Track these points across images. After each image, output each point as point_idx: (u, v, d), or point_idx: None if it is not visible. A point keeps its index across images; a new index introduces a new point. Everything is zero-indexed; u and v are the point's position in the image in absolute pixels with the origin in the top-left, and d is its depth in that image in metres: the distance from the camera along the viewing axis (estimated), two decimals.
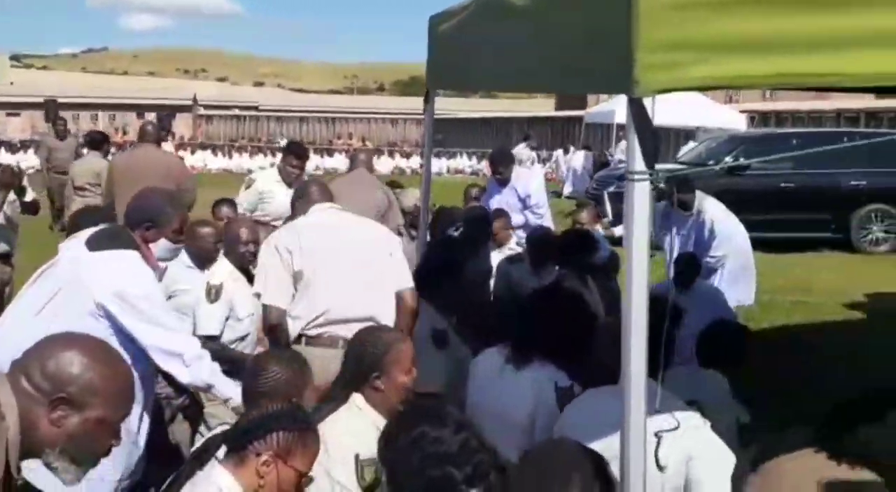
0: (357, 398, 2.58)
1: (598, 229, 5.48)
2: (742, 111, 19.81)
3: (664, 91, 1.67)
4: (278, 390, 2.47)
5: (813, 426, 2.84)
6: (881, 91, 6.18)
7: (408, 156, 29.03)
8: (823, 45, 1.60)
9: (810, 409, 2.91)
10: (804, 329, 7.82)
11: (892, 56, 1.61)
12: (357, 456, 2.39)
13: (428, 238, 5.53)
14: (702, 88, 1.74)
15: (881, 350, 6.81)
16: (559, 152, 21.68)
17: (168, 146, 18.11)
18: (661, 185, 1.69)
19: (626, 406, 1.70)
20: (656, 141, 1.65)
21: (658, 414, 2.33)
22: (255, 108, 42.54)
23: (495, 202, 6.79)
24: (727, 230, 6.51)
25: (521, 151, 19.34)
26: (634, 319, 1.67)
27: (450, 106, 36.43)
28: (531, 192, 6.62)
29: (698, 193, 6.77)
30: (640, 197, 1.66)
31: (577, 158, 18.22)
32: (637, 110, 1.65)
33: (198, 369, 2.87)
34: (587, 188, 15.16)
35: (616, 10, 1.67)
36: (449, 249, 4.50)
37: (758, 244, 11.80)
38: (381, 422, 2.45)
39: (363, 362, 2.60)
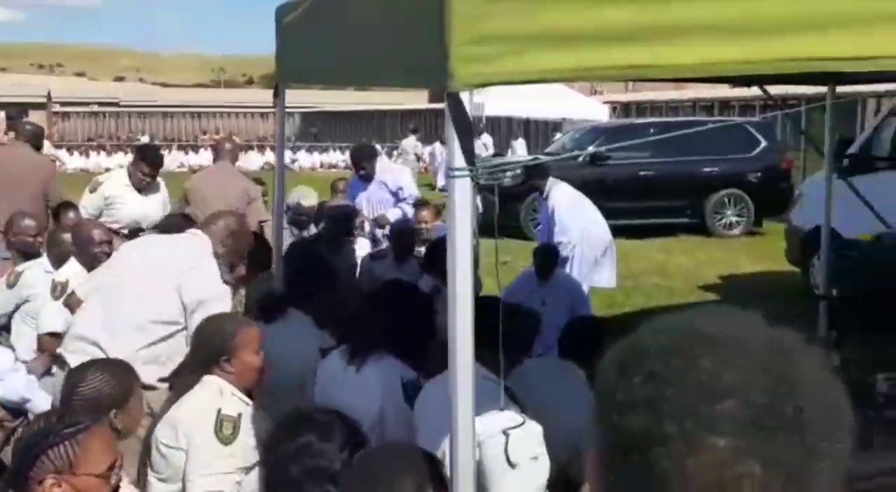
0: (211, 378, 2.62)
1: (438, 224, 5.43)
2: (605, 102, 20.51)
3: (481, 85, 1.65)
4: (100, 399, 2.33)
5: None
6: (733, 81, 6.44)
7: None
8: (635, 38, 1.62)
9: None
10: (661, 311, 8.13)
11: (698, 47, 1.64)
12: (219, 410, 2.49)
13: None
14: (519, 82, 1.72)
15: None
16: (436, 145, 21.79)
17: (49, 147, 17.06)
18: (482, 181, 1.66)
19: (455, 405, 1.67)
20: (472, 136, 1.61)
21: (505, 411, 2.33)
22: (116, 104, 40.61)
23: (363, 198, 6.71)
24: (570, 217, 6.63)
25: (409, 143, 19.38)
26: (459, 315, 1.64)
27: (323, 99, 35.90)
28: (403, 185, 6.58)
29: (550, 181, 6.88)
30: (462, 193, 1.63)
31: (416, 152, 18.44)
32: (455, 105, 1.62)
33: (11, 383, 2.68)
34: None
35: (431, 3, 1.63)
36: (319, 255, 4.32)
37: (620, 231, 12.25)
38: (240, 392, 2.61)
39: (211, 347, 2.64)
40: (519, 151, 18.09)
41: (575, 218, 6.71)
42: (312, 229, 5.72)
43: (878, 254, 6.02)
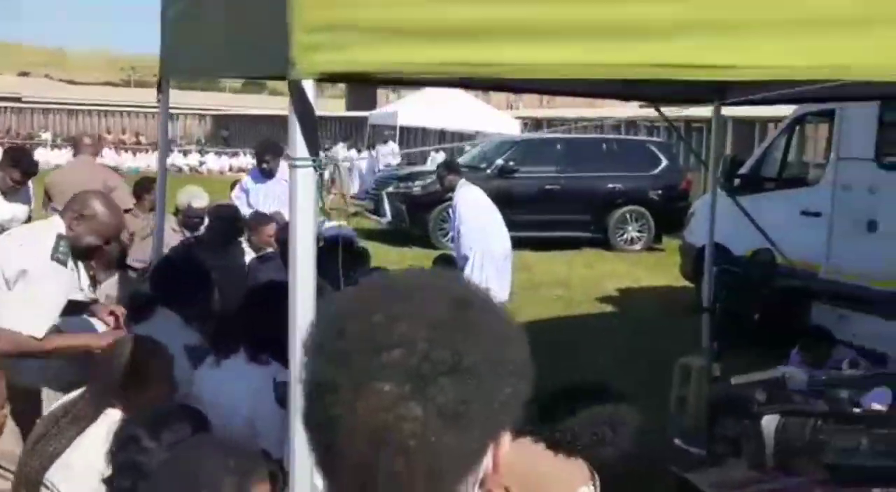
0: (112, 413, 2.39)
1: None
2: (517, 117, 20.83)
3: (325, 74, 1.61)
4: None
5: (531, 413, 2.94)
6: (644, 99, 6.56)
7: (185, 153, 27.77)
8: (481, 35, 1.61)
9: (537, 397, 3.03)
10: (559, 321, 8.27)
11: (553, 48, 1.65)
12: None
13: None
14: (361, 73, 1.69)
15: (620, 338, 7.36)
16: (352, 153, 21.67)
17: None
18: (326, 172, 1.63)
19: (292, 399, 1.62)
20: (316, 127, 1.57)
21: None
22: (18, 100, 38.91)
23: (261, 194, 6.61)
24: (470, 220, 6.71)
25: (340, 150, 19.14)
26: (300, 306, 1.60)
27: (236, 102, 35.28)
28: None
29: (461, 182, 6.95)
30: (304, 184, 1.59)
31: (363, 160, 18.34)
32: (298, 95, 1.57)
33: None
34: (366, 189, 15.23)
35: None
36: (190, 255, 4.21)
37: (526, 243, 12.44)
38: None
39: (113, 376, 2.42)
40: (385, 156, 18.10)
41: (475, 221, 6.76)
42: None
43: (755, 269, 6.26)
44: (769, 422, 1.43)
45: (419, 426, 0.75)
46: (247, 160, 27.43)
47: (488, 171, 12.73)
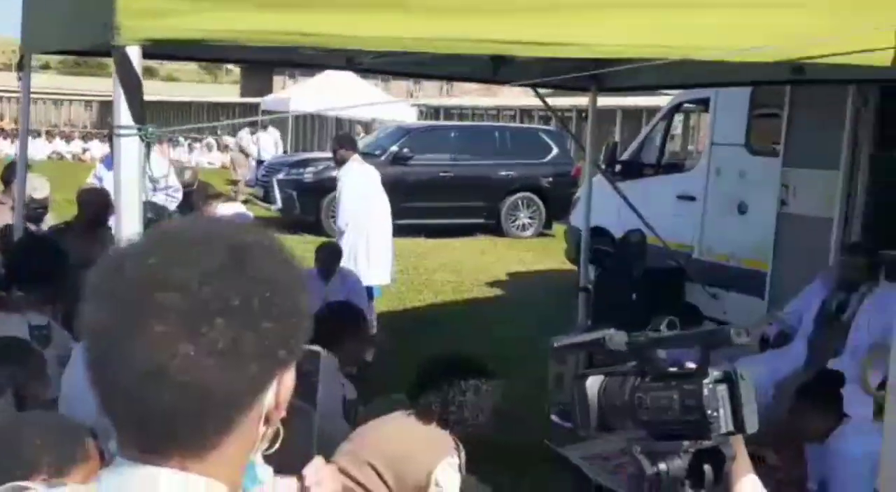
0: None
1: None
2: (413, 105, 20.83)
3: (149, 40, 1.57)
4: None
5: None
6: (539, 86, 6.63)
7: (68, 139, 26.57)
8: (315, 5, 1.60)
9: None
10: (448, 304, 8.37)
11: (384, 20, 1.65)
12: None
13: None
14: (185, 40, 1.66)
15: (506, 320, 7.50)
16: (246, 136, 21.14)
17: None
18: (151, 141, 1.59)
19: None
20: (142, 95, 1.53)
21: None
22: None
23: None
24: (347, 198, 6.72)
25: (245, 136, 18.60)
26: None
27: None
28: (165, 172, 6.32)
29: (354, 157, 6.94)
30: (128, 153, 1.55)
31: (253, 146, 17.92)
32: (122, 62, 1.53)
33: None
34: (257, 175, 14.96)
35: None
36: (44, 237, 4.06)
37: (419, 230, 12.50)
38: None
39: None
40: (266, 145, 17.78)
41: (356, 197, 6.74)
42: (50, 221, 5.38)
43: (627, 250, 6.47)
44: (593, 384, 1.47)
45: (192, 364, 0.78)
46: None
47: (382, 158, 12.70)
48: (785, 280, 6.01)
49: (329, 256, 5.77)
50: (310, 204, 11.90)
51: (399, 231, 12.34)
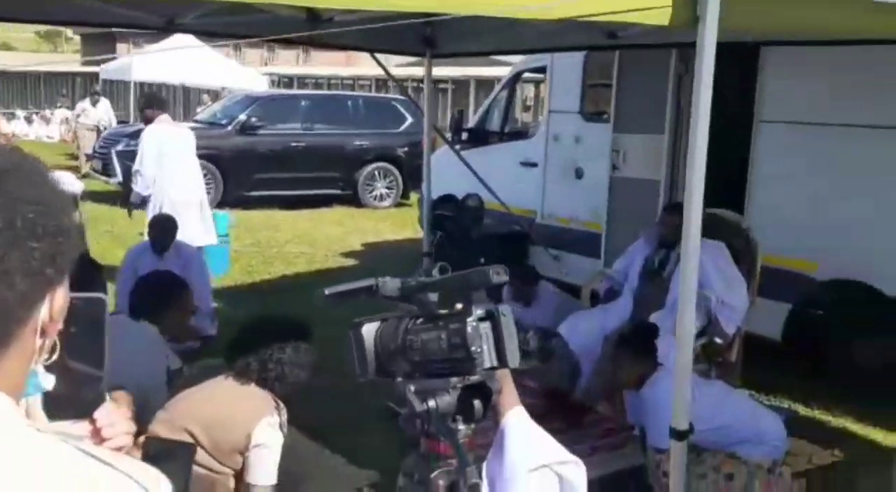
0: None
1: None
2: (265, 74, 20.30)
3: None
4: None
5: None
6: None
7: None
8: None
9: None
10: (299, 276, 8.29)
11: None
12: None
13: None
14: None
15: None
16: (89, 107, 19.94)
17: None
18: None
19: None
20: None
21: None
22: None
23: None
24: (145, 163, 6.56)
25: (87, 107, 17.41)
26: None
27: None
28: None
29: (162, 116, 6.75)
30: None
31: (92, 116, 16.96)
32: None
33: None
34: (94, 147, 14.22)
35: None
36: None
37: (272, 201, 12.28)
38: None
39: None
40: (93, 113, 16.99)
41: (153, 160, 6.56)
42: None
43: (464, 214, 6.60)
44: (369, 330, 1.50)
45: None
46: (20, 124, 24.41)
47: (229, 127, 12.34)
48: (618, 240, 6.31)
49: (161, 228, 5.55)
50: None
51: (251, 203, 12.16)
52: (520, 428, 1.49)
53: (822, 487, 3.97)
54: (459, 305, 1.46)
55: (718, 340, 4.55)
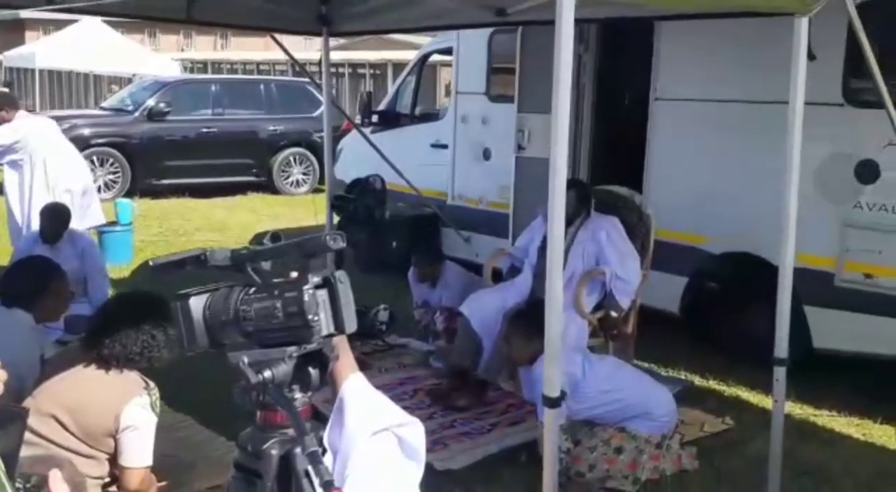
0: None
1: None
2: (177, 59, 19.80)
3: None
4: None
5: None
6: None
7: None
8: None
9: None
10: None
11: None
12: None
13: None
14: None
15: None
16: None
17: None
18: None
19: None
20: None
21: None
22: None
23: None
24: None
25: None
26: None
27: None
28: None
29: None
30: None
31: None
32: None
33: None
34: None
35: None
36: None
37: (182, 190, 11.98)
38: None
39: None
40: None
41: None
42: None
43: (365, 196, 6.55)
44: (197, 303, 1.47)
45: None
46: None
47: (136, 114, 11.99)
48: (525, 220, 6.34)
49: (49, 217, 5.33)
50: None
51: (162, 192, 11.84)
52: (358, 394, 1.49)
53: (711, 453, 4.10)
54: (294, 274, 1.44)
55: (613, 314, 4.64)
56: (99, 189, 11.32)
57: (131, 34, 30.29)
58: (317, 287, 1.38)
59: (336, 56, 14.78)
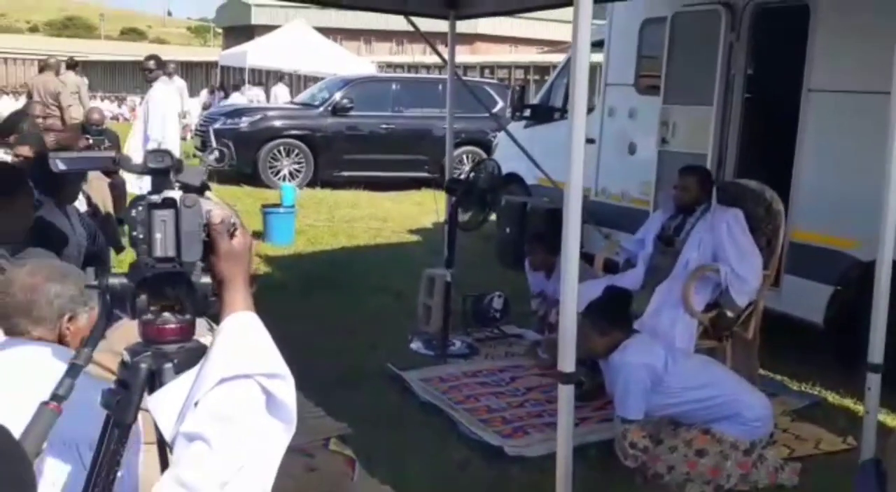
0: None
1: None
2: (373, 61, 20.71)
3: None
4: None
5: None
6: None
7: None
8: None
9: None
10: (361, 247, 8.47)
11: None
12: None
13: None
14: None
15: (406, 260, 7.59)
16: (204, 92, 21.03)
17: None
18: None
19: None
20: None
21: None
22: None
23: None
24: (154, 117, 7.94)
25: (206, 96, 18.66)
26: None
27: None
28: None
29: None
30: None
31: (203, 98, 17.89)
32: None
33: None
34: (196, 125, 14.93)
35: None
36: None
37: (361, 183, 12.48)
38: None
39: None
40: (281, 96, 17.75)
41: (160, 114, 7.90)
42: None
43: (480, 181, 6.41)
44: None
45: None
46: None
47: (321, 109, 12.66)
48: None
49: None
50: (247, 154, 11.88)
51: (339, 184, 12.40)
52: (234, 332, 1.34)
53: (821, 471, 3.68)
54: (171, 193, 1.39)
55: (729, 313, 4.29)
56: (284, 178, 12.13)
57: (349, 42, 32.22)
58: (153, 206, 1.35)
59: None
